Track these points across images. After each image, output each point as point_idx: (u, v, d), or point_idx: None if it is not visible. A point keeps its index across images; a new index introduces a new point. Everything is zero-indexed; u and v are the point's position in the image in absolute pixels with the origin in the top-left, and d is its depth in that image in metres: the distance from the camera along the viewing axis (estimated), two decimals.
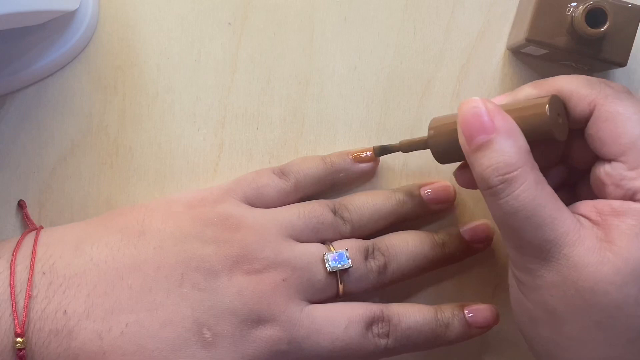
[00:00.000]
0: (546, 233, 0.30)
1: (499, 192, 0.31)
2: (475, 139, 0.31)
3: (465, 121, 0.32)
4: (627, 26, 0.35)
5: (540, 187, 0.31)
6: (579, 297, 0.30)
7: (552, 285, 0.31)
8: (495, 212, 0.32)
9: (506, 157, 0.30)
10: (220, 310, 0.34)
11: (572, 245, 0.30)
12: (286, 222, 0.36)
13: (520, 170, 0.30)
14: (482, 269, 0.40)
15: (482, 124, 0.31)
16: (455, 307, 0.38)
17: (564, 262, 0.30)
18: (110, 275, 0.33)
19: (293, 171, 0.38)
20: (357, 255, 0.36)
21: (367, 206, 0.38)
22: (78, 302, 0.32)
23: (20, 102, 0.39)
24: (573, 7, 0.35)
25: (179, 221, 0.35)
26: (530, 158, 0.31)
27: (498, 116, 0.31)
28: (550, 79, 0.34)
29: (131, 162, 0.40)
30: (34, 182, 0.39)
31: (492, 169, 0.31)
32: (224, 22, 0.40)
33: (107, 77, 0.40)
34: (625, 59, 0.36)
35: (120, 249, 0.34)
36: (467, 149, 0.32)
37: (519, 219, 0.30)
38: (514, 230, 0.31)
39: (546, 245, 0.30)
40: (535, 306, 0.32)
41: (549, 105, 0.32)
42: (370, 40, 0.40)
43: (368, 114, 0.40)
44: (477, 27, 0.40)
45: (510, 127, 0.31)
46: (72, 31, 0.38)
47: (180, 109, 0.40)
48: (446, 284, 0.40)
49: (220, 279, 0.34)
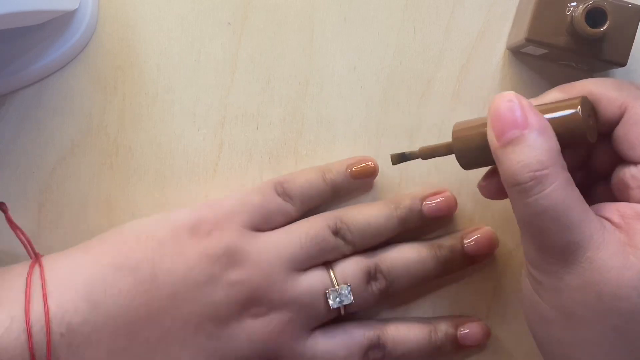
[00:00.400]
0: (572, 235, 0.30)
1: (529, 190, 0.30)
2: (507, 133, 0.30)
3: (497, 115, 0.31)
4: (627, 26, 0.35)
5: (570, 188, 0.30)
6: (599, 300, 0.29)
7: (573, 287, 0.30)
8: (521, 211, 0.31)
9: (538, 153, 0.30)
10: (233, 357, 0.35)
11: (596, 248, 0.29)
12: (289, 254, 0.36)
13: (551, 168, 0.30)
14: (482, 269, 0.40)
15: (515, 118, 0.30)
16: (449, 325, 0.39)
17: (587, 265, 0.29)
18: (127, 329, 0.33)
19: (298, 195, 0.38)
20: (359, 281, 0.37)
21: (369, 229, 0.38)
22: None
23: (20, 102, 0.39)
24: (573, 7, 0.35)
25: (188, 261, 0.35)
26: (561, 158, 0.30)
27: (531, 112, 0.31)
28: (577, 82, 0.34)
29: (131, 162, 0.40)
30: (34, 182, 0.39)
31: (523, 165, 0.30)
32: (224, 22, 0.40)
33: (107, 77, 0.40)
34: (625, 59, 0.36)
35: (134, 299, 0.33)
36: (495, 145, 0.31)
37: (546, 218, 0.30)
38: (540, 231, 0.30)
39: (570, 247, 0.30)
40: (552, 307, 0.31)
41: (581, 105, 0.31)
42: (370, 40, 0.40)
43: (368, 114, 0.40)
44: (477, 27, 0.40)
45: (544, 125, 0.30)
46: (71, 31, 0.38)
47: (180, 109, 0.40)
48: (446, 285, 0.40)
49: (231, 326, 0.35)
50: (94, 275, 0.34)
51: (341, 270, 0.37)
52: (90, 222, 0.39)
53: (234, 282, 0.35)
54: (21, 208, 0.39)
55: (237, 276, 0.35)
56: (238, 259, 0.35)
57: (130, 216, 0.40)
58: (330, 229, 0.37)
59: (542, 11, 0.36)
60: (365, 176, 0.39)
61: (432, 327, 0.38)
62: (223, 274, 0.35)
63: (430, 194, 0.39)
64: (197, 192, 0.40)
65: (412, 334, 0.38)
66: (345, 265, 0.37)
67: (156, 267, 0.34)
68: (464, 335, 0.39)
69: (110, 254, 0.34)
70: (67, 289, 0.33)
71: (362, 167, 0.39)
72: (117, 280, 0.33)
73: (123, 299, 0.33)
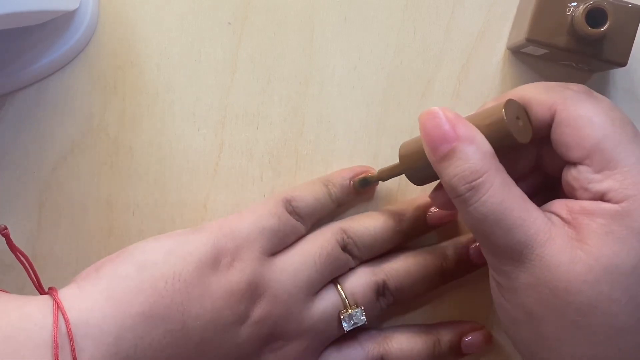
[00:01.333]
0: (516, 235, 0.30)
1: (467, 200, 0.31)
2: (439, 148, 0.31)
3: (427, 132, 0.32)
4: (627, 26, 0.35)
5: (507, 190, 0.31)
6: (553, 296, 0.30)
7: (527, 286, 0.31)
8: (466, 219, 0.32)
9: (471, 163, 0.31)
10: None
11: (543, 245, 0.30)
12: (306, 279, 0.36)
13: (485, 175, 0.30)
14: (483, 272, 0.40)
15: (444, 133, 0.31)
16: (454, 335, 0.39)
17: (536, 263, 0.30)
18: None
19: (308, 215, 0.38)
20: (370, 297, 0.37)
21: (375, 244, 0.38)
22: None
23: (20, 102, 0.39)
24: (573, 7, 0.35)
25: (214, 302, 0.33)
26: (495, 161, 0.31)
27: (459, 124, 0.31)
28: (511, 90, 0.35)
29: (131, 162, 0.40)
30: (34, 182, 0.39)
31: (458, 178, 0.31)
32: (224, 22, 0.40)
33: (107, 77, 0.40)
34: (625, 59, 0.36)
35: (164, 350, 0.32)
36: (433, 160, 0.32)
37: (488, 224, 0.31)
38: (486, 235, 0.31)
39: (518, 247, 0.30)
40: (514, 307, 0.32)
41: (504, 108, 0.32)
42: (370, 40, 0.40)
43: (368, 114, 0.40)
44: (477, 27, 0.40)
45: (471, 133, 0.31)
46: (72, 31, 0.38)
47: (180, 109, 0.40)
48: (448, 289, 0.40)
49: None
50: (124, 327, 0.31)
51: (350, 288, 0.37)
52: (90, 222, 0.39)
53: (258, 319, 0.35)
54: (21, 208, 0.39)
55: (260, 312, 0.35)
56: (260, 292, 0.35)
57: (130, 216, 0.40)
58: (339, 244, 0.37)
59: (543, 11, 0.36)
60: (368, 190, 0.40)
61: (436, 339, 0.38)
62: (249, 311, 0.34)
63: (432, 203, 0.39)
64: (197, 192, 0.40)
65: (415, 350, 0.38)
66: (354, 281, 0.37)
67: (185, 313, 0.33)
68: (468, 344, 0.39)
69: (138, 301, 0.32)
70: (96, 347, 0.31)
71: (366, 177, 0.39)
72: (147, 331, 0.32)
73: (153, 351, 0.32)
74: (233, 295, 0.34)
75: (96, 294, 0.32)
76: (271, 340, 0.35)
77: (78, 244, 0.39)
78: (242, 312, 0.34)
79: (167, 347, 0.32)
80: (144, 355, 0.31)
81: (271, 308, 0.35)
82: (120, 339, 0.31)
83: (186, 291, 0.33)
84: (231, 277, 0.34)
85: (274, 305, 0.35)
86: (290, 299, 0.35)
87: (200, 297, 0.33)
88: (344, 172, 0.39)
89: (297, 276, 0.36)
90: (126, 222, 0.40)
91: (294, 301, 0.35)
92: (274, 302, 0.35)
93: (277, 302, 0.35)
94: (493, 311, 0.40)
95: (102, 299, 0.32)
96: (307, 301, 0.36)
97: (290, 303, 0.35)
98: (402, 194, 0.40)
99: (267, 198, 0.39)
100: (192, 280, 0.33)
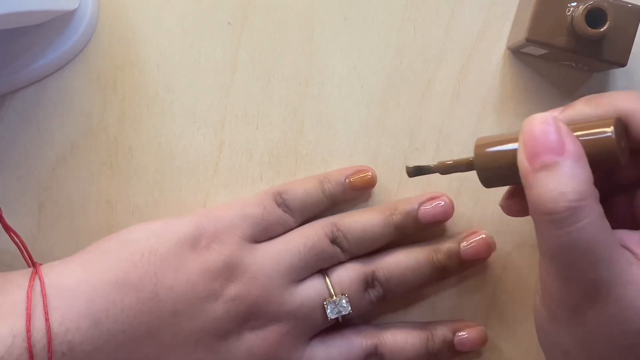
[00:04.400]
0: (601, 272, 0.28)
1: (562, 220, 0.28)
2: (541, 157, 0.29)
3: (531, 136, 0.29)
4: (627, 26, 0.35)
5: (603, 222, 0.28)
6: (624, 337, 0.29)
7: (597, 323, 0.29)
8: (550, 242, 0.29)
9: (577, 183, 0.28)
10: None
11: (623, 286, 0.28)
12: (288, 266, 0.36)
13: (588, 200, 0.28)
14: (480, 271, 0.40)
15: (552, 142, 0.29)
16: (447, 331, 0.38)
17: (613, 303, 0.28)
18: (128, 346, 0.33)
19: (298, 207, 0.38)
20: (356, 288, 0.37)
21: (365, 236, 0.37)
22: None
23: (20, 102, 0.39)
24: (573, 7, 0.35)
25: (189, 277, 0.34)
26: (595, 190, 0.29)
27: (569, 138, 0.29)
28: (605, 95, 0.32)
29: (131, 162, 0.40)
30: (34, 182, 0.39)
31: (558, 193, 0.28)
32: (224, 22, 0.40)
33: (107, 77, 0.40)
34: (625, 59, 0.36)
35: (136, 317, 0.33)
36: (526, 168, 0.29)
37: (577, 252, 0.28)
38: (568, 264, 0.29)
39: (597, 284, 0.28)
40: (570, 340, 0.30)
41: (614, 128, 0.29)
42: (370, 40, 0.40)
43: (368, 114, 0.40)
44: (477, 27, 0.40)
45: (580, 153, 0.29)
46: (71, 31, 0.38)
47: (180, 109, 0.40)
48: (444, 289, 0.40)
49: (231, 339, 0.35)
50: (96, 292, 0.33)
51: (338, 279, 0.37)
52: (90, 222, 0.39)
53: (234, 296, 0.35)
54: (21, 208, 0.39)
55: (236, 291, 0.35)
56: (238, 273, 0.35)
57: (130, 216, 0.40)
58: (327, 237, 0.37)
59: (542, 11, 0.36)
60: (364, 187, 0.39)
61: (430, 334, 0.38)
62: (223, 289, 0.35)
63: (427, 199, 0.38)
64: (197, 192, 0.40)
65: (409, 342, 0.38)
66: (342, 272, 0.37)
67: (158, 284, 0.34)
68: (461, 340, 0.38)
69: (112, 270, 0.34)
70: (68, 307, 0.32)
71: (360, 178, 0.39)
72: (119, 298, 0.33)
73: (125, 317, 0.33)
74: (208, 272, 0.35)
75: (75, 264, 0.34)
76: (251, 318, 0.35)
77: (78, 244, 0.39)
78: (216, 289, 0.35)
79: (139, 315, 0.33)
80: (115, 320, 0.33)
81: (249, 288, 0.35)
82: (92, 302, 0.33)
83: (161, 265, 0.34)
84: (208, 257, 0.35)
85: (252, 286, 0.35)
86: (271, 282, 0.35)
87: (175, 271, 0.34)
88: (342, 170, 0.39)
89: (278, 262, 0.36)
90: (126, 222, 0.40)
91: (275, 284, 0.35)
92: (252, 283, 0.35)
93: (256, 284, 0.35)
94: (492, 312, 0.40)
95: (79, 268, 0.34)
96: (289, 287, 0.36)
97: (270, 286, 0.35)
98: (401, 194, 0.40)
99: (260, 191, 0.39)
100: (168, 256, 0.34)
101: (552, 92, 0.40)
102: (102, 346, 0.32)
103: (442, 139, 0.40)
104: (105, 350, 0.32)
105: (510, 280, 0.40)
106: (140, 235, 0.35)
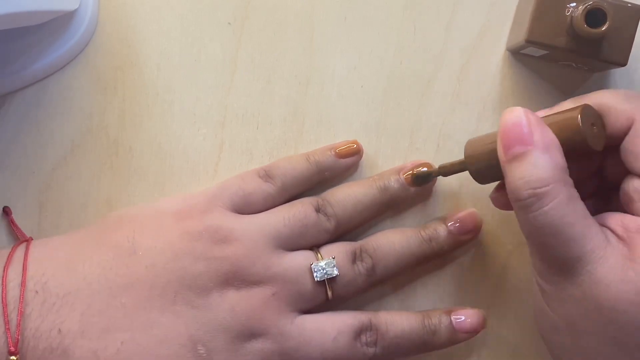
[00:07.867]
0: (573, 250, 0.30)
1: (528, 206, 0.30)
2: (512, 149, 0.31)
3: (505, 130, 0.32)
4: (627, 26, 0.35)
5: (572, 205, 0.30)
6: (598, 313, 0.30)
7: (574, 298, 0.31)
8: (523, 225, 0.32)
9: (539, 171, 0.30)
10: (214, 327, 0.34)
11: (596, 262, 0.30)
12: (273, 231, 0.36)
13: (552, 186, 0.30)
14: (482, 268, 0.40)
15: (521, 135, 0.31)
16: (443, 313, 0.38)
17: (586, 279, 0.30)
18: (104, 294, 0.33)
19: (279, 174, 0.38)
20: (345, 260, 0.37)
21: (349, 198, 0.38)
22: (72, 321, 0.33)
23: (20, 102, 0.39)
24: (573, 7, 0.35)
25: (169, 237, 0.35)
26: (565, 175, 0.31)
27: (538, 129, 0.31)
28: (590, 93, 0.34)
29: (131, 162, 0.40)
30: (34, 182, 0.39)
31: (523, 181, 0.30)
32: (224, 22, 0.40)
33: (107, 77, 0.40)
34: (625, 59, 0.36)
35: (112, 269, 0.34)
36: (502, 158, 0.32)
37: (545, 234, 0.30)
38: (541, 244, 0.31)
39: (571, 261, 0.30)
40: (557, 316, 0.32)
41: (580, 114, 0.31)
42: (370, 40, 0.40)
43: (368, 114, 0.40)
44: (477, 27, 0.40)
45: (549, 142, 0.31)
46: (71, 31, 0.38)
47: (180, 109, 0.40)
48: (445, 285, 0.40)
49: (212, 296, 0.35)
50: (75, 249, 0.35)
51: (326, 249, 0.37)
52: (90, 222, 0.39)
53: (216, 256, 0.35)
54: (21, 208, 0.39)
55: (218, 251, 0.35)
56: (220, 236, 0.35)
57: None
58: (312, 206, 0.37)
59: (542, 12, 0.36)
60: (350, 155, 0.39)
61: (425, 314, 0.38)
62: (205, 249, 0.35)
63: (409, 164, 0.39)
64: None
65: (404, 318, 0.37)
66: (331, 247, 0.37)
67: (136, 243, 0.35)
68: (458, 320, 0.38)
69: (92, 234, 0.36)
70: (48, 259, 0.34)
71: (346, 148, 0.39)
72: (97, 253, 0.34)
73: (102, 269, 0.34)
74: (188, 234, 0.35)
75: (62, 235, 0.37)
76: (233, 278, 0.35)
77: None
78: (197, 248, 0.35)
79: (115, 267, 0.34)
80: (91, 271, 0.34)
81: (233, 249, 0.35)
82: (70, 256, 0.35)
83: (140, 229, 0.35)
84: (189, 222, 0.36)
85: (237, 248, 0.35)
86: (255, 245, 0.36)
87: (154, 233, 0.35)
88: (325, 145, 0.40)
89: (262, 227, 0.36)
90: None
91: (260, 247, 0.36)
92: (235, 245, 0.35)
93: (239, 246, 0.35)
94: (492, 310, 0.40)
95: (63, 236, 0.37)
96: (276, 252, 0.36)
97: (254, 248, 0.35)
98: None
99: None
100: (148, 223, 0.36)
101: (552, 92, 0.40)
102: (77, 291, 0.33)
103: (442, 139, 0.40)
104: (80, 296, 0.33)
105: (511, 279, 0.40)
106: (122, 211, 0.37)
